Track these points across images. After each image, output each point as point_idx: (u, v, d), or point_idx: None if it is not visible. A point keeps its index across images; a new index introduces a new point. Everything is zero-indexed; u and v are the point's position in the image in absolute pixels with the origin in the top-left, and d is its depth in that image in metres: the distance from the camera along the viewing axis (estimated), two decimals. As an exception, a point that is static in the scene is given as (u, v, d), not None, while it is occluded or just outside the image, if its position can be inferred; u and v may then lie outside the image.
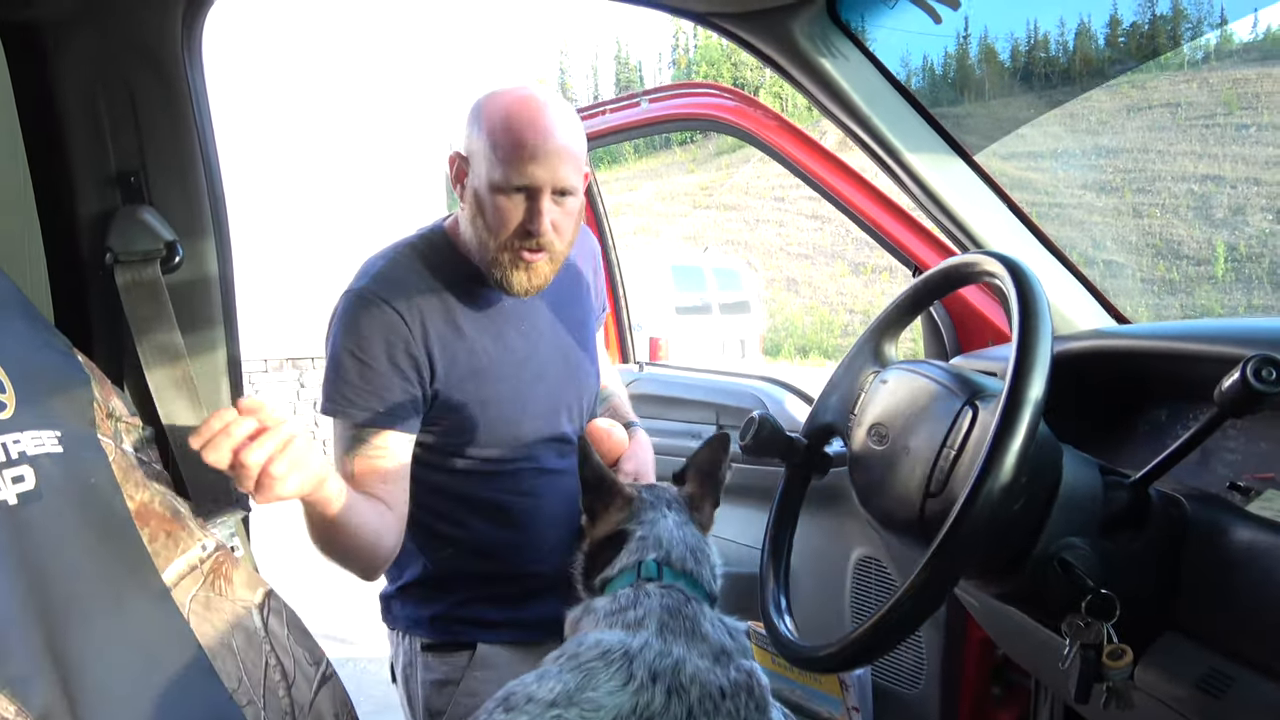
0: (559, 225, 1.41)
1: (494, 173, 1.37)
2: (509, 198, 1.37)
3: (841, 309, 25.38)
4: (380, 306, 1.42)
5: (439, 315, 1.46)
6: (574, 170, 1.40)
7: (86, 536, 1.05)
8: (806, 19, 1.50)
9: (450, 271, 1.49)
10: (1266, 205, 21.01)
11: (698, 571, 1.28)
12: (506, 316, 1.53)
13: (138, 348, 1.35)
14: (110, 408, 1.17)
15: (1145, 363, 1.29)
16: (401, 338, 1.41)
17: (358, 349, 1.40)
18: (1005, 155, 4.87)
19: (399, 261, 1.48)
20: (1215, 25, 17.08)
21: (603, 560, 1.30)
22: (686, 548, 1.29)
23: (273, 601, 1.25)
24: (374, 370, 1.40)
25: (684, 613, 1.17)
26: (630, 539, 1.29)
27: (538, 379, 1.56)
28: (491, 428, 1.50)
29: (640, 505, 1.33)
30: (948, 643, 1.85)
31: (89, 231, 1.37)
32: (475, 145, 1.41)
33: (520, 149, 1.35)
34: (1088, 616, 0.92)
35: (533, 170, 1.35)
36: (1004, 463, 0.84)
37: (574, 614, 1.27)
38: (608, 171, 38.39)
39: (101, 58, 1.34)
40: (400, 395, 1.42)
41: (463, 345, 1.47)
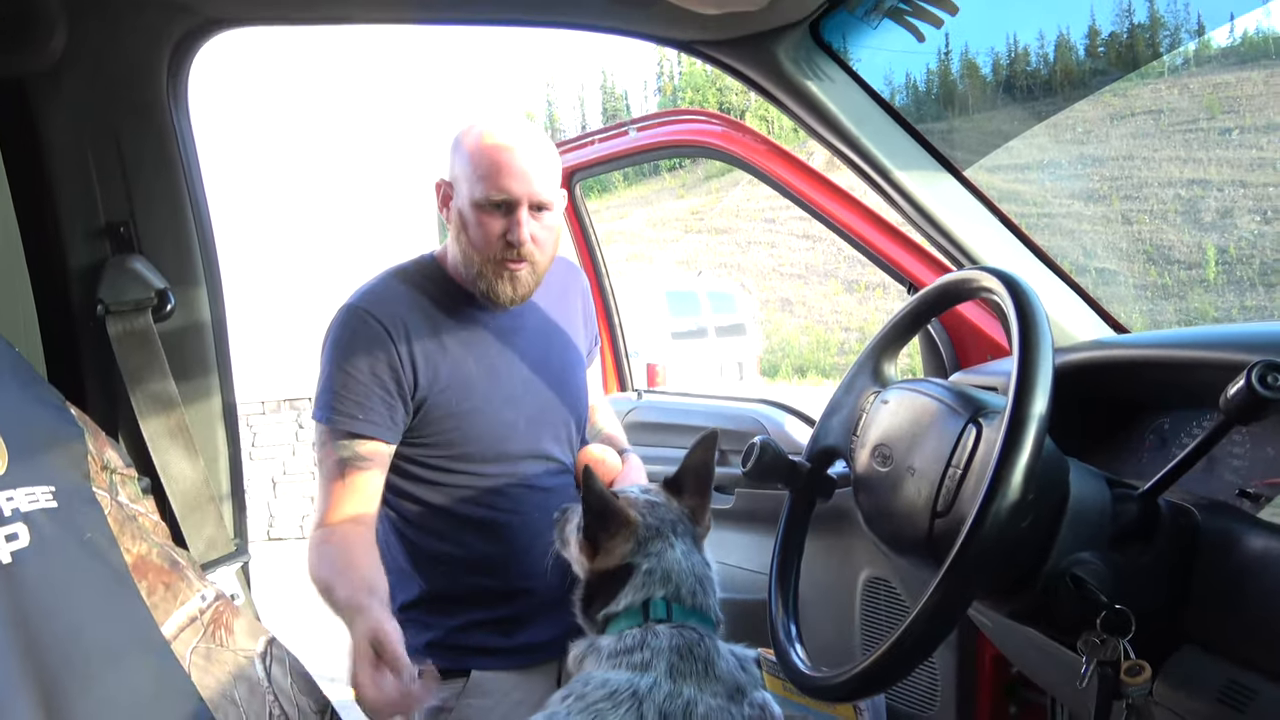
0: (538, 238, 1.51)
1: (475, 190, 1.48)
2: (490, 213, 1.48)
3: (837, 327, 25.41)
4: (366, 321, 1.50)
5: (424, 330, 1.54)
6: (548, 187, 1.50)
7: (83, 592, 1.03)
8: (790, 43, 1.51)
9: (438, 293, 1.58)
10: (1253, 207, 21.14)
11: (706, 604, 1.25)
12: (491, 337, 1.61)
13: (131, 398, 1.34)
14: (105, 460, 1.16)
15: (1147, 372, 1.28)
16: (385, 350, 1.49)
17: (343, 361, 1.49)
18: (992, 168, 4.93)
19: (389, 282, 1.58)
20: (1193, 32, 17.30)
21: (606, 593, 1.26)
22: (695, 579, 1.26)
23: (275, 649, 1.24)
24: (357, 381, 1.48)
25: (696, 653, 1.14)
26: (636, 573, 1.25)
27: (521, 396, 1.61)
28: (478, 440, 1.56)
29: (646, 535, 1.28)
30: (961, 663, 1.83)
31: (79, 283, 1.36)
32: (457, 169, 1.52)
33: (497, 166, 1.46)
34: (1103, 633, 0.90)
35: (510, 184, 1.46)
36: (1011, 480, 0.83)
37: (577, 650, 1.24)
38: (598, 200, 38.59)
39: (87, 108, 1.34)
40: (380, 406, 1.48)
41: (446, 359, 1.54)
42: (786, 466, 1.22)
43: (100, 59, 1.33)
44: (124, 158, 1.36)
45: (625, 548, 1.27)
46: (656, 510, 1.33)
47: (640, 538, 1.28)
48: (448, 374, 1.54)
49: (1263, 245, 20.29)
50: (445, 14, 1.53)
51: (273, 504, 7.74)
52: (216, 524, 1.39)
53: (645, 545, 1.27)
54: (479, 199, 1.48)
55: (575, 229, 2.77)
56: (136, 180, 1.37)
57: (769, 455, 1.19)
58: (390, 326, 1.51)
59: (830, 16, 1.49)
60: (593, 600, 1.28)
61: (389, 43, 8.45)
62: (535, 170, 1.48)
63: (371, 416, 1.49)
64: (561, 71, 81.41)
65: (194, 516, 1.38)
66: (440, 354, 1.54)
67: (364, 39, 9.13)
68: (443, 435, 1.55)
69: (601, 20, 1.54)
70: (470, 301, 1.59)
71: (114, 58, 1.34)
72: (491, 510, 1.59)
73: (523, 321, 1.65)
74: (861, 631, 2.03)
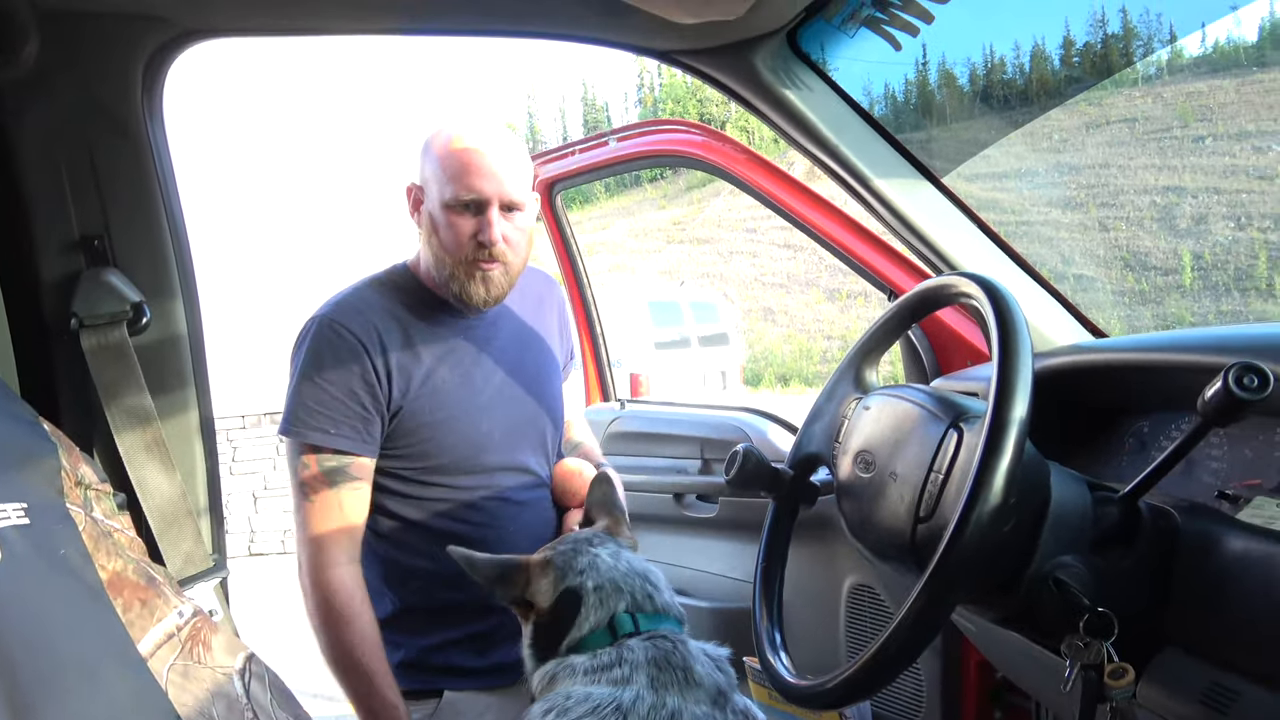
0: (510, 239, 1.49)
1: (445, 192, 1.47)
2: (460, 214, 1.47)
3: (819, 336, 25.53)
4: (338, 332, 1.48)
5: (397, 339, 1.52)
6: (519, 188, 1.49)
7: (57, 611, 1.01)
8: (768, 52, 1.52)
9: (411, 301, 1.56)
10: (1227, 214, 21.44)
11: (663, 600, 1.20)
12: (465, 346, 1.58)
13: (106, 412, 1.32)
14: (79, 475, 1.14)
15: (1125, 375, 1.29)
16: (358, 361, 1.47)
17: (315, 373, 1.47)
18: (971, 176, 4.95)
19: (361, 292, 1.56)
20: (1166, 41, 17.57)
21: (562, 625, 1.17)
22: (640, 577, 1.20)
23: (254, 666, 1.22)
24: (328, 394, 1.46)
25: (673, 661, 1.10)
26: (585, 595, 1.17)
27: (496, 406, 1.59)
28: (452, 451, 1.54)
29: (562, 559, 1.22)
30: (945, 668, 1.83)
31: (52, 296, 1.35)
32: (427, 172, 1.51)
33: (467, 166, 1.45)
34: (1086, 636, 0.90)
35: (479, 184, 1.45)
36: (993, 484, 0.83)
37: (546, 669, 1.16)
38: (580, 211, 38.63)
39: (61, 119, 1.33)
40: (353, 418, 1.47)
41: (419, 368, 1.52)
42: (769, 474, 1.22)
43: (74, 70, 1.32)
44: (98, 170, 1.35)
45: (548, 580, 1.21)
46: (565, 539, 1.27)
47: (559, 564, 1.22)
48: (420, 383, 1.52)
49: (1237, 251, 20.57)
50: (424, 25, 1.53)
51: (254, 519, 7.68)
52: (194, 539, 1.37)
53: (570, 565, 1.21)
54: (449, 200, 1.47)
55: (557, 240, 2.77)
56: (111, 192, 1.36)
57: (752, 463, 1.19)
58: (364, 338, 1.49)
59: (808, 25, 1.50)
60: (549, 640, 1.18)
61: (370, 54, 8.48)
62: (505, 170, 1.47)
63: (344, 430, 1.46)
64: (542, 82, 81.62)
65: (171, 532, 1.36)
66: (413, 363, 1.52)
67: (344, 51, 9.14)
68: (416, 446, 1.53)
69: (579, 30, 1.54)
70: (444, 309, 1.57)
71: (88, 69, 1.33)
72: (466, 524, 1.56)
73: (497, 330, 1.64)
74: (846, 638, 2.03)
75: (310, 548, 1.47)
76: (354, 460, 1.48)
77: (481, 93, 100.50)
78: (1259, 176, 21.88)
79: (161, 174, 1.39)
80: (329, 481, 1.46)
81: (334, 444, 1.46)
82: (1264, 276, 19.38)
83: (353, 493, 1.48)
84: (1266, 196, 21.28)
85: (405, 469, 1.54)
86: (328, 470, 1.46)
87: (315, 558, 1.46)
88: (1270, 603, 0.87)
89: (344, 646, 1.44)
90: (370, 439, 1.49)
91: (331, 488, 1.47)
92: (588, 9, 1.41)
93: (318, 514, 1.46)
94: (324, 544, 1.46)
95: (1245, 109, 23.90)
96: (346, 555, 1.47)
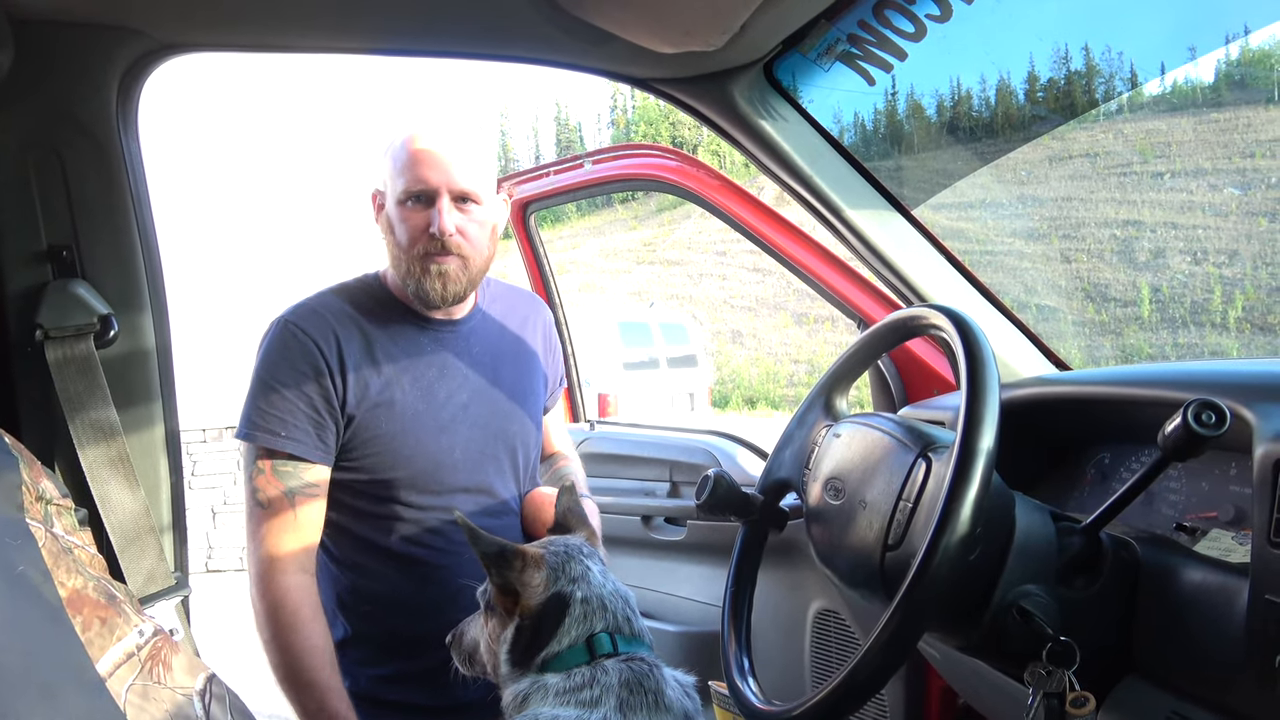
0: (465, 231, 1.46)
1: (396, 186, 1.44)
2: (412, 208, 1.44)
3: (786, 359, 25.67)
4: (296, 335, 1.45)
5: (357, 346, 1.48)
6: (471, 177, 1.45)
7: (14, 628, 0.99)
8: (745, 82, 1.54)
9: (377, 310, 1.52)
10: (1184, 248, 21.95)
11: (639, 626, 1.21)
12: (431, 358, 1.53)
13: (70, 426, 1.30)
14: (40, 490, 1.12)
15: (1088, 408, 1.31)
16: (312, 363, 1.43)
17: (271, 376, 1.43)
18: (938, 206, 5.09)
19: (324, 297, 1.53)
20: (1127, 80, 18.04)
21: (544, 633, 1.17)
22: (622, 600, 1.21)
23: (215, 687, 1.19)
24: (281, 395, 1.42)
25: (646, 685, 1.11)
26: (573, 604, 1.17)
27: (459, 424, 1.53)
28: (407, 467, 1.48)
29: (556, 560, 1.21)
30: (910, 695, 1.84)
31: (17, 307, 1.33)
32: (385, 173, 1.48)
33: (415, 158, 1.43)
34: (1049, 664, 0.92)
35: (427, 174, 1.42)
36: (960, 514, 0.85)
37: (519, 687, 1.15)
38: (551, 230, 38.61)
39: (33, 129, 1.32)
40: (306, 422, 1.42)
41: (377, 376, 1.47)
42: (740, 499, 1.23)
43: (49, 80, 1.31)
44: (69, 180, 1.33)
45: (541, 575, 1.20)
46: (556, 541, 1.27)
47: (552, 563, 1.21)
48: (377, 392, 1.47)
49: (1193, 285, 21.05)
50: (400, 46, 1.54)
51: (212, 534, 7.53)
52: (156, 556, 1.35)
53: (563, 569, 1.20)
54: (400, 193, 1.44)
55: (529, 258, 2.78)
56: (82, 204, 1.34)
57: (723, 488, 1.20)
58: (320, 341, 1.45)
59: (784, 58, 1.53)
60: (529, 646, 1.17)
61: (344, 72, 8.45)
62: (455, 159, 1.43)
63: (295, 434, 1.41)
64: (515, 102, 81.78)
65: (133, 549, 1.34)
66: (372, 372, 1.47)
67: (319, 68, 9.11)
68: (371, 459, 1.47)
69: (559, 56, 1.56)
70: (412, 319, 1.53)
71: (63, 79, 1.32)
72: (424, 548, 1.50)
73: (471, 344, 1.58)
74: (812, 663, 2.04)
75: (261, 556, 1.41)
76: (308, 466, 1.43)
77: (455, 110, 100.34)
78: (1214, 213, 22.45)
79: (134, 186, 1.38)
80: (282, 487, 1.41)
81: (285, 447, 1.41)
82: (1219, 310, 19.85)
83: (307, 501, 1.43)
84: (1221, 233, 21.84)
85: (360, 483, 1.48)
86: (281, 475, 1.41)
87: (265, 566, 1.41)
88: (1226, 633, 0.89)
89: (292, 656, 1.38)
90: (324, 446, 1.44)
91: (285, 494, 1.41)
92: (568, 35, 1.43)
93: (269, 521, 1.41)
94: (275, 552, 1.41)
95: (1202, 147, 24.56)
96: (298, 565, 1.42)
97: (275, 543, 1.41)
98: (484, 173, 1.49)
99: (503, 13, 1.38)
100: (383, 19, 1.41)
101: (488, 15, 1.41)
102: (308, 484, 1.43)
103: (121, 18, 1.32)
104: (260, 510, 1.41)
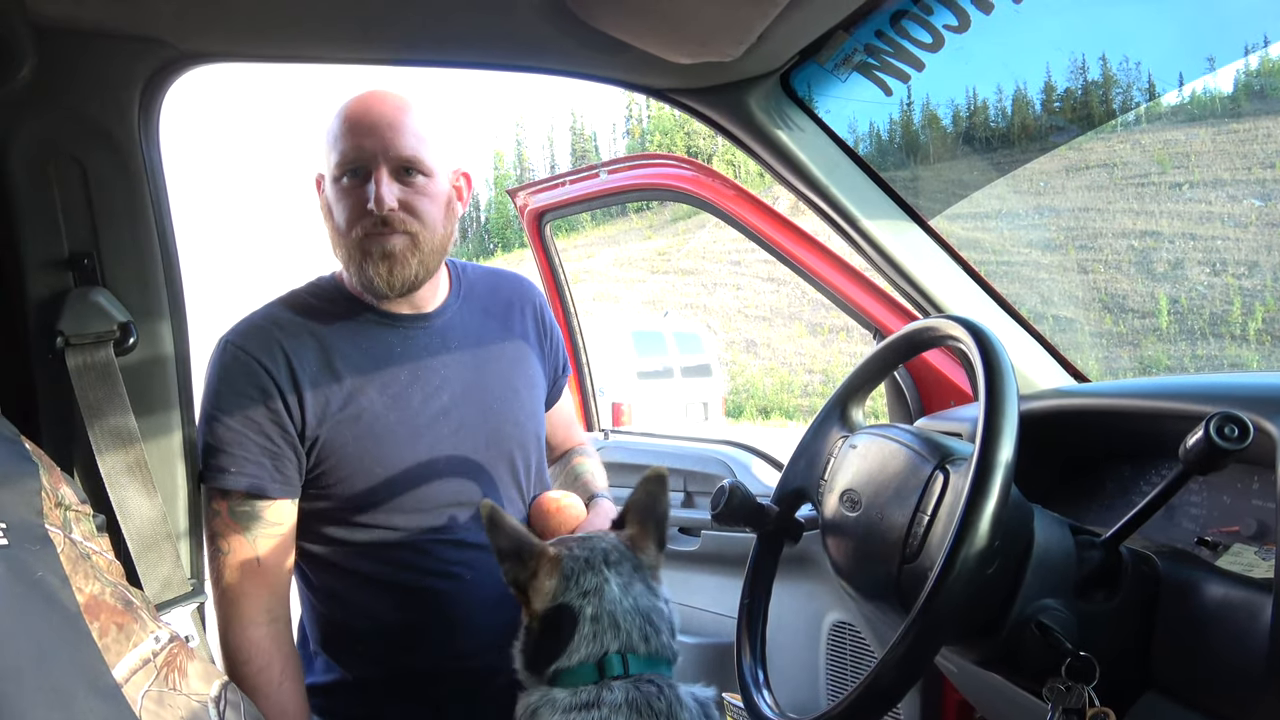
0: (411, 205, 1.30)
1: (331, 160, 1.30)
2: (348, 185, 1.30)
3: (801, 369, 25.61)
4: (237, 357, 1.32)
5: (311, 359, 1.33)
6: (415, 145, 1.30)
7: (32, 634, 1.00)
8: (762, 92, 1.54)
9: (333, 314, 1.38)
10: (1203, 259, 21.80)
11: (660, 643, 1.13)
12: (399, 360, 1.38)
13: (89, 432, 1.31)
14: (59, 496, 1.13)
15: (1108, 420, 1.30)
16: (259, 388, 1.30)
17: (216, 409, 1.31)
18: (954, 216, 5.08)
19: (270, 309, 1.39)
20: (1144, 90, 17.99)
21: (553, 645, 1.12)
22: (642, 618, 1.12)
23: (229, 694, 1.20)
24: (228, 428, 1.29)
25: (655, 707, 1.06)
26: (581, 621, 1.11)
27: (440, 431, 1.37)
28: (389, 487, 1.33)
29: (572, 568, 1.14)
30: (926, 708, 1.83)
31: (39, 314, 1.34)
32: (322, 151, 1.35)
33: (347, 124, 1.29)
34: (1068, 679, 0.91)
35: (360, 142, 1.27)
36: (978, 527, 0.84)
37: (530, 699, 1.13)
38: (565, 239, 38.76)
39: (55, 137, 1.33)
40: (259, 454, 1.29)
41: (339, 387, 1.33)
42: (755, 509, 1.22)
43: (71, 89, 1.32)
44: (91, 189, 1.35)
45: (551, 584, 1.14)
46: (587, 543, 1.18)
47: (566, 571, 1.14)
48: (340, 406, 1.32)
49: (1212, 296, 20.89)
50: (419, 56, 1.54)
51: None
52: (173, 563, 1.36)
53: (576, 580, 1.13)
54: (334, 169, 1.29)
55: (544, 268, 2.78)
56: (103, 212, 1.36)
57: (738, 498, 1.19)
58: (266, 361, 1.31)
59: (801, 68, 1.53)
60: (537, 652, 1.14)
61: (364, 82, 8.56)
62: (394, 127, 1.28)
63: (247, 470, 1.29)
64: (531, 112, 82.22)
65: (150, 555, 1.34)
66: (331, 384, 1.32)
67: (338, 78, 9.19)
68: (344, 482, 1.33)
69: (576, 66, 1.56)
70: (374, 318, 1.38)
71: (84, 89, 1.33)
72: (412, 572, 1.35)
73: (447, 341, 1.42)
74: (827, 676, 2.02)
75: (223, 605, 1.30)
76: (268, 504, 1.30)
77: (471, 120, 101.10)
78: (1234, 224, 22.30)
79: (155, 195, 1.39)
80: (240, 528, 1.29)
81: (238, 484, 1.28)
82: (1238, 322, 19.68)
83: (269, 540, 1.30)
84: (1241, 244, 21.68)
85: (335, 510, 1.35)
86: (238, 516, 1.30)
87: (228, 616, 1.29)
88: (1248, 649, 0.88)
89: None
90: (282, 477, 1.31)
91: (244, 534, 1.29)
92: (585, 46, 1.43)
93: (230, 567, 1.29)
94: (238, 600, 1.29)
95: (1221, 158, 24.41)
96: (265, 613, 1.30)
97: (238, 591, 1.29)
98: (433, 142, 1.33)
99: (520, 24, 1.39)
100: (402, 30, 1.42)
101: (506, 26, 1.41)
102: (270, 522, 1.30)
103: (144, 27, 1.33)
104: (221, 557, 1.30)
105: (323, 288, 1.42)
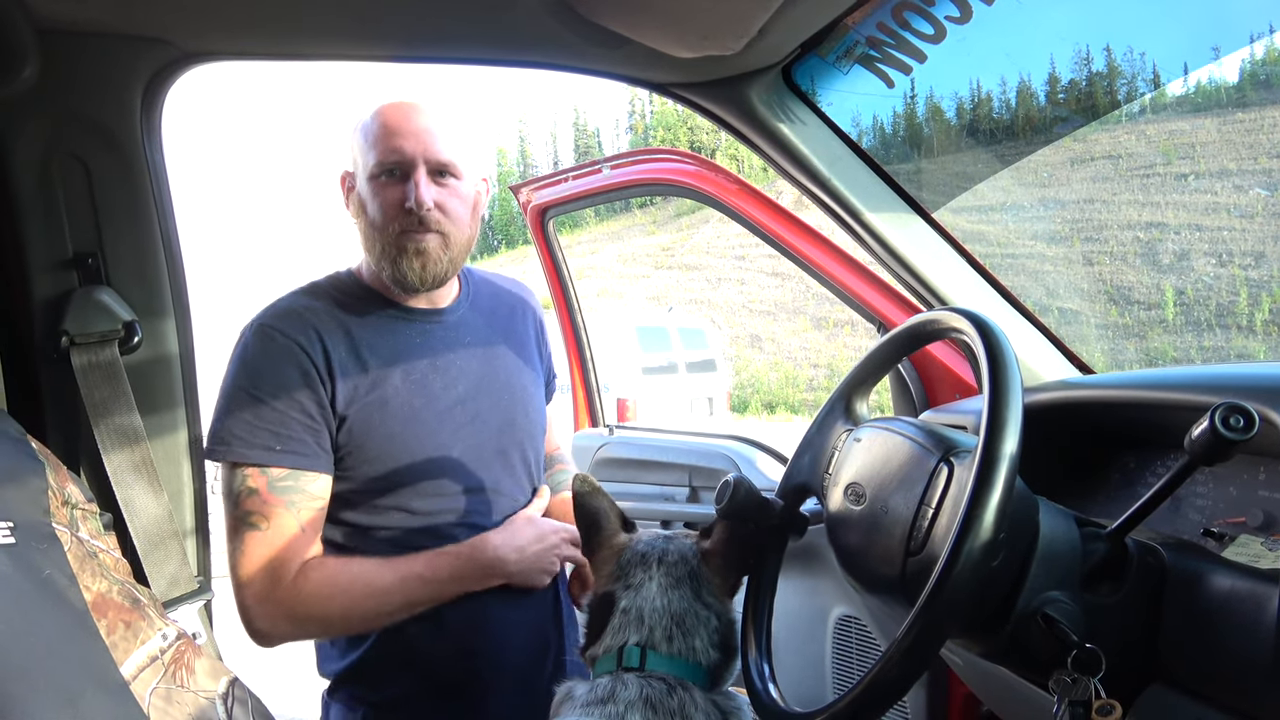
0: (444, 205, 1.36)
1: (368, 160, 1.35)
2: (386, 182, 1.35)
3: (805, 364, 25.61)
4: (275, 339, 1.34)
5: (341, 343, 1.37)
6: (450, 149, 1.37)
7: (40, 631, 1.00)
8: (764, 86, 1.54)
9: (355, 305, 1.42)
10: (1209, 250, 21.74)
11: (687, 646, 1.12)
12: (419, 352, 1.42)
13: (95, 431, 1.32)
14: (66, 494, 1.14)
15: (1113, 412, 1.30)
16: (298, 365, 1.32)
17: (254, 386, 1.31)
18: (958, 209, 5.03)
19: (298, 297, 1.42)
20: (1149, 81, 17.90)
21: (596, 629, 1.14)
22: (671, 619, 1.12)
23: (237, 690, 1.20)
24: (269, 406, 1.30)
25: (667, 705, 1.05)
26: (615, 611, 1.13)
27: (459, 421, 1.42)
28: (411, 471, 1.37)
29: (629, 560, 1.16)
30: (932, 701, 1.83)
31: (44, 314, 1.34)
32: (355, 151, 1.40)
33: (389, 129, 1.35)
34: (1074, 672, 0.90)
35: (400, 144, 1.34)
36: (983, 519, 0.84)
37: (562, 690, 1.13)
38: (569, 236, 38.76)
39: (58, 138, 1.33)
40: (301, 430, 1.31)
41: (365, 374, 1.36)
42: (759, 504, 1.22)
43: (73, 89, 1.32)
44: (94, 188, 1.35)
45: (608, 569, 1.17)
46: (657, 540, 1.19)
47: (623, 562, 1.16)
48: (368, 391, 1.36)
49: (1218, 287, 20.83)
50: (420, 53, 1.54)
51: (234, 539, 7.58)
52: (179, 561, 1.36)
53: (626, 572, 1.15)
54: (373, 167, 1.34)
55: (548, 264, 2.78)
56: (106, 211, 1.36)
57: (742, 493, 1.19)
58: (303, 340, 1.33)
59: (802, 61, 1.53)
60: (588, 634, 1.16)
61: (364, 79, 8.53)
62: (432, 130, 1.35)
63: (292, 446, 1.30)
64: (534, 107, 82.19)
65: (156, 553, 1.35)
66: (359, 369, 1.36)
67: (341, 75, 9.19)
68: (367, 465, 1.36)
69: (576, 61, 1.56)
70: (393, 311, 1.43)
71: (87, 89, 1.33)
72: None
73: (460, 335, 1.47)
74: (833, 670, 2.02)
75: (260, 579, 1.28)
76: (314, 477, 1.32)
77: (474, 115, 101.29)
78: (1240, 215, 22.21)
79: (158, 194, 1.39)
80: (284, 501, 1.29)
81: (283, 462, 1.29)
82: (1245, 313, 19.62)
83: (310, 513, 1.31)
84: (1247, 234, 21.60)
85: (357, 493, 1.38)
86: (281, 490, 1.29)
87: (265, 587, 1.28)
88: (1256, 640, 0.87)
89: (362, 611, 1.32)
90: (324, 452, 1.33)
91: (288, 507, 1.29)
92: (586, 41, 1.43)
93: (269, 542, 1.28)
94: (287, 561, 1.29)
95: (1226, 148, 24.31)
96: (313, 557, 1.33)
97: (285, 555, 1.30)
98: (464, 146, 1.40)
99: (522, 19, 1.39)
100: (402, 26, 1.42)
101: (506, 21, 1.41)
102: (313, 496, 1.32)
103: (145, 27, 1.33)
104: (255, 534, 1.29)
105: (343, 281, 1.46)
